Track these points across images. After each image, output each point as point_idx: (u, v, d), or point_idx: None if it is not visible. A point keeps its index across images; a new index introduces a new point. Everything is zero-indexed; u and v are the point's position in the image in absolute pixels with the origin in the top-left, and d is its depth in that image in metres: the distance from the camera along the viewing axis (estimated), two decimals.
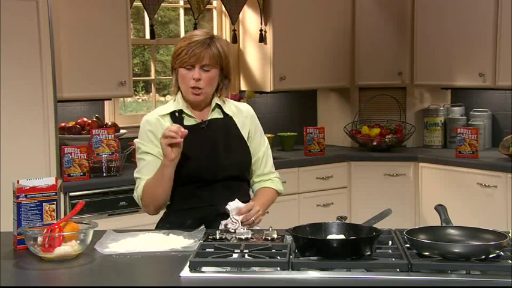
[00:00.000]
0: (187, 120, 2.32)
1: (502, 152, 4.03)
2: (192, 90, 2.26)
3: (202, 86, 2.25)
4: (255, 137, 2.42)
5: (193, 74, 2.24)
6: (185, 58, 2.23)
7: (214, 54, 2.25)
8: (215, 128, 2.33)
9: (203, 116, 2.34)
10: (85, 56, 3.75)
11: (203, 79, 2.25)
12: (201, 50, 2.23)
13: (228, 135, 2.34)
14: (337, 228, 1.98)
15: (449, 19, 4.43)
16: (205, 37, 2.26)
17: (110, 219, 3.56)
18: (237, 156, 2.33)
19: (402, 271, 1.75)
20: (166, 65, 4.67)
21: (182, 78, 2.27)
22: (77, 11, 3.72)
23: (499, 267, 1.74)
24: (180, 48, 2.26)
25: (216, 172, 2.29)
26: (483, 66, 4.24)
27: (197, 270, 1.78)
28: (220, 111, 2.37)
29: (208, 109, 2.35)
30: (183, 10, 4.56)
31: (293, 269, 1.77)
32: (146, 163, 2.29)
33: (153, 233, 2.15)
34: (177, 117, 2.31)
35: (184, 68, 2.25)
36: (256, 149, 2.42)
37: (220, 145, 2.31)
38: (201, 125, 2.32)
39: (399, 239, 1.96)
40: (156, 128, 2.29)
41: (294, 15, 4.46)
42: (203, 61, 2.24)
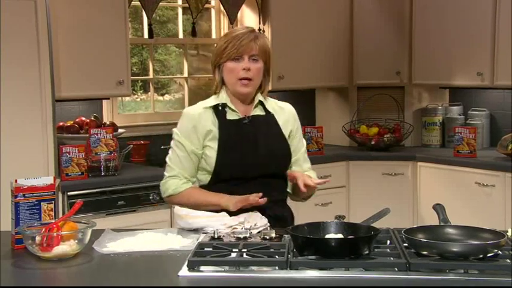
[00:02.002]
0: (230, 114, 2.32)
1: (500, 151, 4.03)
2: (241, 82, 2.27)
3: (251, 76, 2.26)
4: (295, 137, 2.43)
5: (243, 64, 2.25)
6: (233, 50, 2.24)
7: (262, 45, 2.28)
8: (257, 124, 2.34)
9: (246, 112, 2.35)
10: (83, 55, 3.75)
11: (252, 69, 2.26)
12: (248, 40, 2.25)
13: (269, 132, 2.35)
14: (335, 227, 1.99)
15: (447, 19, 4.44)
16: (250, 30, 2.30)
17: (108, 218, 3.56)
18: (277, 153, 2.34)
19: (400, 270, 1.75)
20: (164, 64, 4.67)
21: (230, 71, 2.27)
22: (75, 10, 3.72)
23: (497, 266, 1.75)
24: (225, 42, 2.27)
25: (256, 168, 2.29)
26: (481, 66, 4.24)
27: (195, 270, 1.78)
28: (262, 108, 2.37)
29: (251, 105, 2.35)
30: (182, 9, 4.56)
31: (291, 268, 1.78)
32: (177, 155, 2.32)
33: (151, 232, 2.15)
34: (220, 111, 2.31)
35: (232, 60, 2.26)
36: (296, 150, 2.42)
37: (261, 141, 2.32)
38: (244, 121, 2.33)
39: (397, 238, 1.96)
40: (197, 121, 2.30)
41: (292, 15, 4.46)
42: (252, 51, 2.26)
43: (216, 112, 2.31)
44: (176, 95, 4.76)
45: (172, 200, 2.33)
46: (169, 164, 2.35)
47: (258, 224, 2.20)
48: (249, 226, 2.16)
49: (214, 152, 2.27)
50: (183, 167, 2.31)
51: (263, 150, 2.30)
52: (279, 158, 2.34)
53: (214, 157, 2.27)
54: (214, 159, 2.27)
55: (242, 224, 2.18)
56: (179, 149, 2.33)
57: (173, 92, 4.77)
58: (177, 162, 2.32)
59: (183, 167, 2.31)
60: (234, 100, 2.33)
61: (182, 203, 2.30)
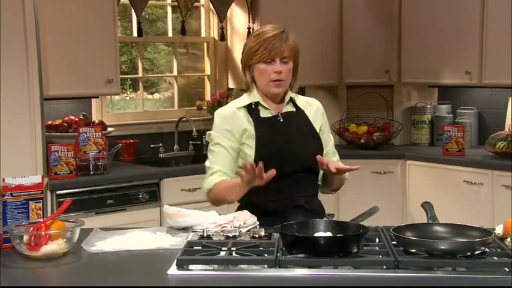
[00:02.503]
0: (263, 112, 2.37)
1: (488, 150, 4.06)
2: (273, 83, 2.31)
3: (283, 78, 2.31)
4: (324, 131, 2.48)
5: (274, 67, 2.29)
6: (265, 53, 2.29)
7: (292, 46, 2.33)
8: (290, 121, 2.38)
9: (278, 109, 2.39)
10: (72, 53, 3.73)
11: (283, 71, 2.31)
12: (280, 43, 2.30)
13: (302, 128, 2.40)
14: (324, 225, 1.99)
15: (436, 18, 4.45)
16: (280, 31, 2.32)
17: (97, 217, 3.54)
18: (311, 148, 2.38)
19: (389, 268, 1.76)
20: (154, 62, 4.66)
21: (262, 73, 2.31)
22: (64, 8, 3.70)
23: (485, 264, 1.76)
24: (256, 44, 2.31)
25: (293, 163, 2.32)
26: (469, 65, 4.26)
27: (184, 268, 1.78)
28: (292, 105, 2.42)
29: (282, 103, 2.40)
30: (171, 8, 4.55)
31: (280, 267, 1.78)
32: (216, 154, 2.34)
33: (140, 231, 2.15)
34: (253, 110, 2.35)
35: (263, 62, 2.29)
36: (325, 144, 2.46)
37: (295, 137, 2.36)
38: (278, 118, 2.36)
39: (386, 237, 1.97)
40: (232, 120, 2.34)
41: (281, 13, 4.46)
42: (283, 54, 2.30)
43: (249, 111, 2.35)
44: (166, 94, 4.75)
45: (211, 195, 2.34)
46: (208, 166, 2.37)
47: (247, 222, 2.20)
48: (238, 225, 2.15)
49: (252, 150, 2.31)
50: (223, 163, 2.33)
51: (298, 146, 2.35)
52: (313, 152, 2.36)
53: (253, 155, 2.31)
54: (253, 157, 2.30)
55: (231, 222, 2.18)
56: (217, 148, 2.35)
57: (162, 91, 4.76)
58: (216, 161, 2.34)
59: (222, 163, 2.33)
60: (266, 98, 2.38)
61: (218, 198, 2.32)
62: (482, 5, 4.17)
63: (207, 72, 4.73)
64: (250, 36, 2.38)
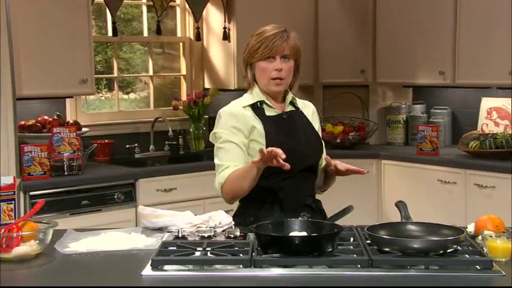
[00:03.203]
0: (268, 111, 2.37)
1: (461, 149, 4.11)
2: (273, 81, 2.32)
3: (283, 76, 2.31)
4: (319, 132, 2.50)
5: (275, 64, 2.30)
6: (266, 50, 2.29)
7: (293, 45, 2.33)
8: (294, 120, 2.40)
9: (281, 108, 2.40)
10: (45, 53, 3.69)
11: (284, 69, 2.31)
12: (281, 41, 2.30)
13: (305, 127, 2.42)
14: (299, 225, 2.00)
15: (410, 19, 4.50)
16: (281, 30, 2.33)
17: (72, 218, 3.51)
18: (315, 146, 2.41)
19: (363, 267, 1.77)
20: (129, 62, 4.63)
21: (262, 71, 2.32)
22: (37, 7, 3.66)
23: (457, 262, 1.78)
24: (258, 42, 2.31)
25: (301, 162, 2.31)
26: (443, 65, 4.31)
27: (159, 269, 1.77)
28: (291, 105, 2.43)
29: (284, 102, 2.41)
30: (146, 7, 4.52)
31: (255, 267, 1.78)
32: (227, 150, 2.30)
33: (114, 232, 2.13)
34: (259, 108, 2.35)
35: (264, 60, 2.30)
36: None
37: (301, 135, 2.38)
38: (283, 116, 2.37)
39: (360, 236, 1.98)
40: (240, 117, 2.32)
41: (257, 13, 4.46)
42: (284, 51, 2.31)
43: (254, 109, 2.35)
44: (141, 94, 4.73)
45: (225, 189, 2.27)
46: (218, 163, 2.32)
47: (222, 222, 2.19)
48: (213, 224, 2.15)
49: (262, 146, 2.28)
50: (235, 158, 2.29)
51: (304, 144, 2.36)
52: (316, 151, 2.40)
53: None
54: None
55: (207, 222, 2.18)
56: (227, 145, 2.31)
57: (138, 91, 4.73)
58: (227, 157, 2.30)
59: (234, 159, 2.29)
60: (268, 97, 2.38)
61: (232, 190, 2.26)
62: (455, 6, 4.23)
63: (183, 72, 4.72)
64: (252, 36, 2.37)
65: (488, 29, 4.08)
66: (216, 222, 2.17)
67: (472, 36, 4.16)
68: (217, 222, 2.17)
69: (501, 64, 4.00)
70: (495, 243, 1.83)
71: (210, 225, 2.14)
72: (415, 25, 4.46)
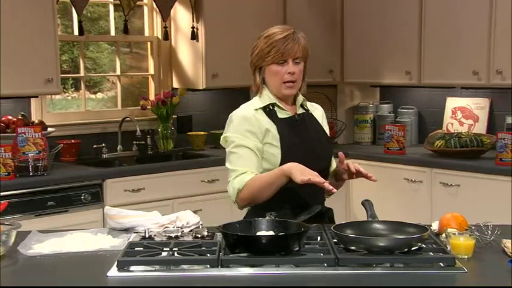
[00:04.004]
0: (280, 113, 2.34)
1: (427, 148, 4.17)
2: (286, 85, 2.29)
3: (295, 79, 2.30)
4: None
5: (287, 68, 2.27)
6: (278, 54, 2.26)
7: (303, 47, 2.31)
8: (306, 122, 2.38)
9: (292, 111, 2.38)
10: (8, 51, 3.62)
11: (296, 72, 2.29)
12: (293, 44, 2.28)
13: (316, 129, 2.40)
14: (266, 224, 2.00)
15: (376, 20, 4.55)
16: (291, 32, 2.30)
17: (37, 219, 3.46)
18: (327, 148, 2.40)
19: (329, 266, 1.79)
20: (96, 62, 4.58)
21: (274, 74, 2.29)
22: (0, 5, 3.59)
23: (421, 260, 1.81)
24: (268, 45, 2.28)
25: (315, 164, 2.26)
26: (409, 65, 4.37)
27: (125, 270, 1.76)
28: (301, 107, 2.41)
29: (294, 104, 2.38)
30: (113, 6, 4.48)
31: (222, 266, 1.78)
32: (240, 155, 2.25)
33: (80, 233, 2.11)
34: (271, 111, 2.32)
35: (276, 63, 2.27)
36: None
37: (314, 137, 2.36)
38: (296, 118, 2.36)
39: (327, 234, 2.00)
40: (254, 121, 2.28)
41: (225, 13, 4.46)
42: (296, 54, 2.28)
43: (266, 112, 2.32)
44: (109, 93, 4.68)
45: (242, 196, 2.22)
46: (231, 168, 2.26)
47: (190, 222, 2.19)
48: (181, 225, 2.14)
49: (278, 149, 2.27)
50: (249, 163, 2.24)
51: (318, 146, 2.35)
52: (328, 153, 2.39)
53: (279, 154, 2.26)
54: (279, 156, 2.26)
55: (174, 222, 2.17)
56: (240, 150, 2.26)
57: (106, 90, 4.69)
58: (241, 162, 2.24)
59: (248, 164, 2.24)
60: (279, 100, 2.35)
61: (250, 194, 2.20)
62: (420, 7, 4.29)
63: (150, 71, 4.69)
64: (259, 38, 2.33)
65: (452, 29, 4.15)
66: (183, 222, 2.16)
67: (437, 36, 4.23)
68: (184, 222, 2.16)
69: (465, 64, 4.08)
70: (458, 241, 1.86)
71: (177, 226, 2.14)
72: (382, 26, 4.52)
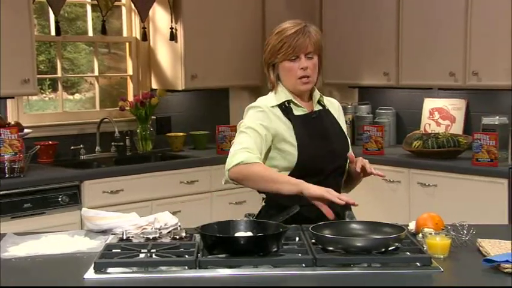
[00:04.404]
0: (296, 110, 2.30)
1: (405, 149, 4.20)
2: (301, 80, 2.26)
3: (310, 74, 2.26)
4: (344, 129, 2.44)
5: (300, 63, 2.24)
6: (289, 50, 2.23)
7: (315, 41, 2.27)
8: (322, 119, 2.33)
9: (309, 107, 2.33)
10: None
11: (309, 67, 2.25)
12: (304, 39, 2.23)
13: (333, 126, 2.35)
14: (244, 225, 2.00)
15: (355, 21, 4.57)
16: (302, 26, 2.26)
17: (13, 221, 3.42)
18: (343, 144, 2.32)
19: (307, 266, 1.79)
20: (74, 62, 4.54)
21: (288, 71, 2.26)
22: None
23: (398, 259, 1.82)
24: (279, 42, 2.25)
25: (332, 162, 2.24)
26: (387, 66, 4.41)
27: (102, 272, 1.75)
28: (317, 104, 2.37)
29: (312, 100, 2.35)
30: (91, 7, 4.45)
31: (201, 268, 1.78)
32: (250, 136, 2.19)
33: (57, 235, 2.09)
34: (287, 108, 2.28)
35: (288, 60, 2.24)
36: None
37: (331, 135, 2.31)
38: (312, 115, 2.31)
39: (305, 235, 2.00)
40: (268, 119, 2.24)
41: (204, 14, 4.46)
42: (308, 49, 2.24)
43: (282, 110, 2.28)
44: (87, 94, 4.64)
45: (240, 170, 2.12)
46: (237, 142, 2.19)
47: (168, 223, 2.18)
48: (159, 226, 2.14)
49: (295, 148, 2.23)
50: (255, 145, 2.17)
51: (335, 143, 2.30)
52: (346, 148, 2.33)
53: (296, 153, 2.22)
54: (296, 155, 2.22)
55: (152, 224, 2.16)
56: (250, 131, 2.20)
57: (84, 91, 4.65)
58: (249, 141, 2.18)
59: (255, 146, 2.17)
60: (295, 96, 2.32)
61: (250, 175, 2.12)
62: (398, 9, 4.32)
63: (129, 72, 4.66)
64: (271, 35, 2.30)
65: (429, 31, 4.19)
66: (161, 224, 2.15)
67: (414, 38, 4.27)
68: (162, 224, 2.15)
69: (442, 66, 4.12)
70: (434, 241, 1.88)
71: (155, 227, 2.13)
72: (360, 27, 4.54)
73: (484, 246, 1.92)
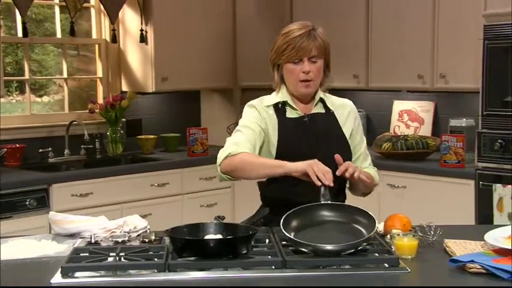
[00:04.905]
0: (290, 112, 2.31)
1: (375, 151, 4.24)
2: (302, 84, 2.26)
3: (312, 77, 2.26)
4: (357, 134, 2.39)
5: (302, 67, 2.24)
6: (292, 52, 2.23)
7: (320, 45, 2.26)
8: (317, 123, 2.31)
9: (306, 110, 2.32)
10: None
11: (312, 71, 2.25)
12: (308, 42, 2.24)
13: (329, 131, 2.32)
14: (214, 228, 2.00)
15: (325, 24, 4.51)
16: (308, 29, 2.26)
17: None
18: (335, 152, 2.20)
19: (277, 268, 1.80)
20: (42, 64, 4.48)
21: (290, 73, 2.27)
22: None
23: (366, 261, 1.84)
24: (284, 43, 2.25)
25: None
26: (357, 69, 4.45)
27: (70, 276, 1.73)
28: (322, 106, 2.35)
29: (312, 103, 2.33)
30: (59, 8, 4.39)
31: (170, 271, 1.77)
32: (242, 133, 2.25)
33: (23, 239, 2.06)
34: (280, 109, 2.30)
35: (291, 62, 2.25)
36: (358, 146, 2.39)
37: (321, 140, 2.28)
38: (304, 119, 2.30)
39: (275, 237, 2.01)
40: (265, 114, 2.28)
41: (175, 16, 4.44)
42: (311, 53, 2.24)
43: (276, 110, 2.30)
44: (55, 97, 4.59)
45: (229, 161, 2.18)
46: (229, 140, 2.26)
47: (137, 227, 2.16)
48: (128, 229, 2.12)
49: (274, 148, 2.25)
50: (247, 140, 2.22)
51: (322, 149, 2.24)
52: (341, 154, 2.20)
53: (274, 153, 2.25)
54: (274, 155, 2.24)
55: (121, 227, 2.14)
56: (244, 128, 2.26)
57: (52, 94, 4.59)
58: (239, 137, 2.24)
59: (246, 140, 2.22)
60: (294, 98, 2.32)
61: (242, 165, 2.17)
62: (367, 11, 4.36)
63: (99, 74, 4.62)
64: (279, 35, 2.32)
65: (398, 35, 4.24)
66: (130, 227, 2.14)
67: (383, 41, 4.31)
68: (132, 227, 2.14)
69: (411, 69, 4.17)
70: (402, 242, 1.90)
71: (124, 230, 2.11)
72: (329, 29, 4.50)
73: (450, 246, 1.94)
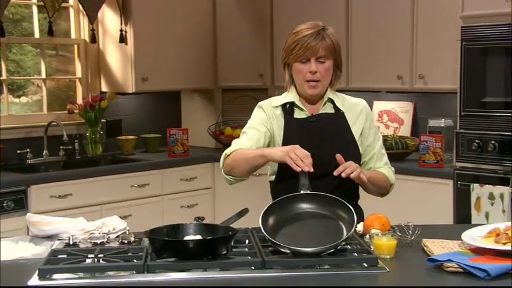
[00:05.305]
0: (298, 113, 2.31)
1: None
2: (308, 84, 2.25)
3: (318, 78, 2.25)
4: (369, 133, 2.35)
5: (309, 67, 2.23)
6: (300, 52, 2.22)
7: (328, 45, 2.24)
8: (324, 123, 2.29)
9: (314, 110, 2.31)
10: None
11: (319, 71, 2.24)
12: (316, 42, 2.22)
13: (336, 132, 2.29)
14: (194, 229, 2.00)
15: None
16: (318, 29, 2.25)
17: None
18: (339, 152, 2.19)
19: (257, 268, 1.80)
20: (20, 64, 4.43)
21: (298, 73, 2.26)
22: None
23: (346, 261, 1.85)
24: (294, 42, 2.25)
25: (321, 168, 2.14)
26: None
27: (47, 278, 1.71)
28: (332, 106, 2.33)
29: (320, 103, 2.32)
30: (37, 8, 4.35)
31: (149, 272, 1.76)
32: (247, 134, 2.30)
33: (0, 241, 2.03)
34: (288, 109, 2.29)
35: (299, 62, 2.24)
36: (371, 146, 2.35)
37: (327, 141, 2.26)
38: (311, 119, 2.29)
39: (255, 238, 2.01)
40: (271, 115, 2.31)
41: (154, 16, 4.42)
42: (318, 53, 2.23)
43: (284, 110, 2.30)
44: (34, 97, 4.54)
45: (227, 162, 2.26)
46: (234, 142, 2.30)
47: (116, 228, 2.15)
48: (107, 230, 2.11)
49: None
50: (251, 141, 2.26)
51: (328, 150, 2.21)
52: (344, 159, 2.18)
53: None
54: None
55: (100, 228, 2.13)
56: (249, 130, 2.30)
57: (30, 94, 4.54)
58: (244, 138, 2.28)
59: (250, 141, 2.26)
60: (303, 98, 2.31)
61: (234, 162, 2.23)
62: (347, 12, 4.38)
63: (78, 75, 4.58)
64: (289, 34, 2.30)
65: (378, 36, 4.26)
66: (109, 228, 2.12)
67: (363, 42, 4.33)
68: (111, 228, 2.13)
69: (390, 69, 4.20)
70: (381, 241, 1.91)
71: (103, 232, 2.10)
72: None
73: (428, 246, 1.96)
